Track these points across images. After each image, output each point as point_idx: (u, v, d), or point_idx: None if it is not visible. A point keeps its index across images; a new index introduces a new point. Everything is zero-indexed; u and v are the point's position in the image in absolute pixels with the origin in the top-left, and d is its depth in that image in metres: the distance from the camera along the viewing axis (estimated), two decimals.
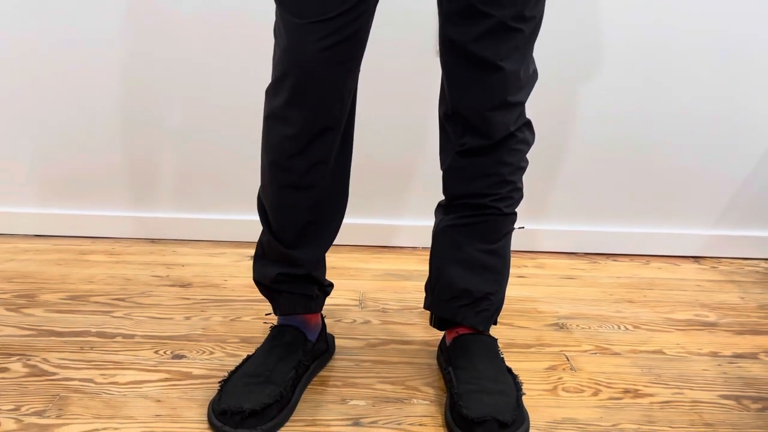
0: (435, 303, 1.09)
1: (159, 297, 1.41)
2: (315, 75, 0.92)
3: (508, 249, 1.08)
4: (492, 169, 1.02)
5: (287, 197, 1.01)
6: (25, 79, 1.68)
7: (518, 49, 0.95)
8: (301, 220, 1.03)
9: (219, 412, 0.93)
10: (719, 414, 1.04)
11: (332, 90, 0.95)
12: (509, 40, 0.94)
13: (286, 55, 0.92)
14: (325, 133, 0.98)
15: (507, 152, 1.02)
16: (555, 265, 1.73)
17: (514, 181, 1.04)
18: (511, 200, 1.05)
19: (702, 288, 1.60)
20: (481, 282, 1.05)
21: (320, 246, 1.07)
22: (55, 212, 1.78)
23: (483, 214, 1.03)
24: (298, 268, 1.05)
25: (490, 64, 0.94)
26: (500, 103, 0.97)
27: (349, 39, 0.92)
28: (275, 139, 0.98)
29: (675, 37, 1.66)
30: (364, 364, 1.16)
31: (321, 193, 1.03)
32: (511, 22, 0.92)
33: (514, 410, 0.94)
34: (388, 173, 1.76)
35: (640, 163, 1.76)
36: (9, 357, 1.13)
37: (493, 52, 0.93)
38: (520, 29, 0.94)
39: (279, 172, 1.00)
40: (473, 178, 1.03)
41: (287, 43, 0.91)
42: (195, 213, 1.80)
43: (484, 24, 0.92)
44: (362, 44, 0.97)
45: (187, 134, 1.72)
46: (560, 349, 1.25)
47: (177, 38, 1.65)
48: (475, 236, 1.04)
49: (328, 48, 0.91)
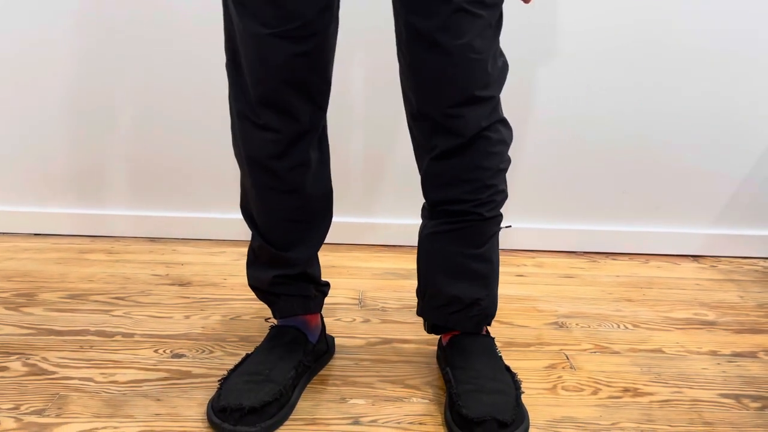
0: (426, 310, 1.08)
1: (158, 296, 1.41)
2: (285, 83, 0.93)
3: (495, 251, 1.06)
4: (470, 175, 0.98)
5: (273, 200, 1.01)
6: (25, 77, 1.68)
7: (482, 37, 0.91)
8: (289, 222, 1.03)
9: (218, 410, 0.93)
10: (718, 413, 1.04)
11: (304, 95, 0.95)
12: (472, 26, 0.90)
13: (253, 65, 0.92)
14: (302, 137, 0.98)
15: (484, 156, 0.97)
16: (554, 263, 1.73)
17: (495, 184, 1.00)
18: (494, 203, 1.01)
19: (701, 287, 1.60)
20: (469, 288, 1.03)
21: (312, 245, 1.08)
22: (55, 211, 1.78)
23: (465, 220, 1.00)
24: (293, 268, 1.06)
25: (455, 52, 0.90)
26: (468, 97, 0.93)
27: (316, 46, 0.93)
28: (251, 141, 0.98)
29: (674, 37, 1.66)
30: (364, 362, 1.16)
31: (306, 194, 1.03)
32: (471, 7, 0.89)
33: (513, 409, 0.94)
34: (387, 172, 1.76)
35: (640, 162, 1.76)
36: (8, 356, 1.13)
37: (456, 38, 0.90)
38: (481, 15, 0.90)
39: (260, 174, 1.00)
40: (451, 184, 0.99)
41: (253, 53, 0.92)
42: (194, 212, 1.80)
43: (445, 9, 0.89)
44: (331, 48, 0.97)
45: (186, 133, 1.72)
46: (560, 347, 1.25)
47: (177, 36, 1.65)
48: (459, 242, 1.02)
49: (297, 56, 0.92)
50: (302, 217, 1.04)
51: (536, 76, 1.69)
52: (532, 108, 1.72)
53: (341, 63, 1.65)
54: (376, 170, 1.75)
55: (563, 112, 1.72)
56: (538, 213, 1.80)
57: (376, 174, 1.76)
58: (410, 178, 1.76)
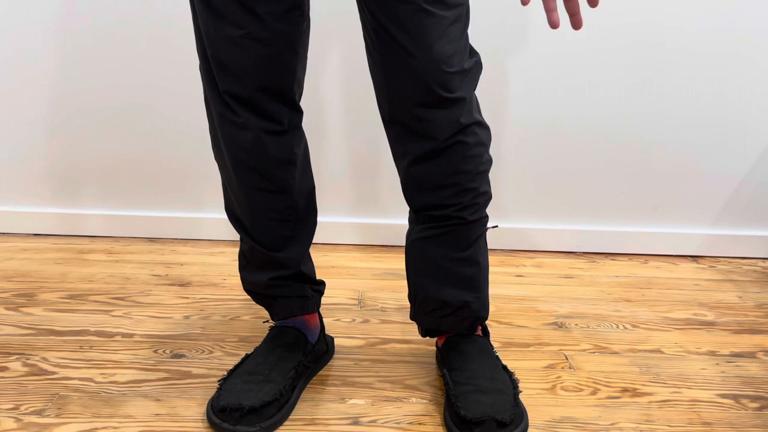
0: (418, 315, 1.08)
1: (158, 296, 1.41)
2: (259, 84, 0.94)
3: (482, 252, 1.05)
4: (448, 180, 0.97)
5: (261, 202, 1.02)
6: (24, 78, 1.68)
7: (445, 37, 0.90)
8: (279, 222, 1.04)
9: (218, 409, 0.93)
10: (717, 413, 1.04)
11: (278, 95, 0.96)
12: (435, 27, 0.89)
13: (226, 67, 0.93)
14: (283, 135, 0.99)
15: (461, 160, 0.96)
16: (553, 264, 1.73)
17: (476, 187, 0.99)
18: (476, 206, 1.00)
19: (700, 287, 1.61)
20: (457, 292, 1.03)
21: (303, 243, 1.08)
22: (54, 211, 1.78)
23: (447, 225, 1.00)
24: (287, 269, 1.06)
25: (415, 52, 0.90)
26: (434, 98, 0.91)
27: (286, 46, 0.93)
28: (233, 142, 0.99)
29: (673, 36, 1.66)
30: (363, 363, 1.16)
31: (293, 192, 1.03)
32: (431, 7, 0.88)
33: (511, 408, 0.94)
34: (386, 172, 1.76)
35: (639, 162, 1.76)
36: (8, 356, 1.13)
37: (417, 38, 0.89)
38: (443, 15, 0.89)
39: (247, 175, 1.00)
40: (430, 189, 0.98)
41: (225, 55, 0.92)
42: (194, 212, 1.80)
43: (406, 9, 0.88)
44: (303, 47, 0.98)
45: (186, 133, 1.72)
46: (559, 348, 1.25)
47: (177, 35, 1.65)
48: (444, 247, 1.01)
49: (268, 57, 0.92)
50: (291, 216, 1.04)
51: (536, 76, 1.69)
52: (531, 108, 1.72)
53: (329, 62, 1.65)
54: (375, 170, 1.75)
55: (562, 112, 1.72)
56: (537, 213, 1.80)
57: (375, 174, 1.76)
58: None
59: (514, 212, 1.79)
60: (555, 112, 1.72)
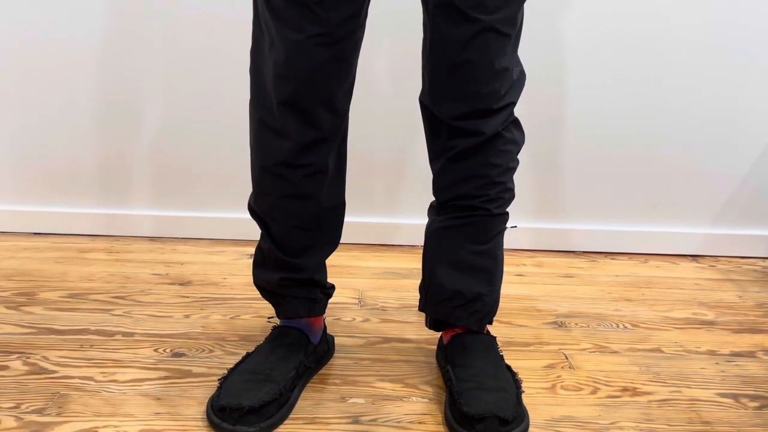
0: (428, 305, 1.09)
1: (158, 295, 1.41)
2: (310, 87, 0.94)
3: (500, 249, 1.07)
4: (480, 171, 1.01)
5: (287, 207, 1.02)
6: (23, 76, 1.68)
7: (505, 53, 0.96)
8: (302, 229, 1.04)
9: (218, 409, 0.93)
10: (717, 412, 1.05)
11: (326, 101, 0.96)
12: (498, 45, 0.94)
13: (281, 68, 0.93)
14: (320, 144, 0.99)
15: (495, 153, 1.01)
16: (553, 263, 1.73)
17: (504, 182, 1.03)
18: (501, 201, 1.04)
19: (700, 286, 1.61)
20: (472, 283, 1.04)
21: (322, 253, 1.09)
22: (55, 210, 1.78)
23: (472, 215, 1.03)
24: (301, 273, 1.06)
25: (477, 68, 0.94)
26: (486, 108, 0.97)
27: (342, 52, 0.94)
28: (270, 147, 0.99)
29: (673, 34, 1.66)
30: (364, 362, 1.16)
31: (321, 202, 1.04)
32: (500, 27, 0.93)
33: (514, 407, 0.94)
34: (386, 171, 1.76)
35: (639, 161, 1.76)
36: (9, 355, 1.13)
37: (481, 55, 0.94)
38: (508, 34, 0.94)
39: (276, 180, 1.00)
40: (462, 180, 1.02)
41: (282, 57, 0.92)
42: (194, 211, 1.80)
43: (472, 28, 0.92)
44: (356, 55, 0.98)
45: (186, 132, 1.72)
46: (559, 347, 1.25)
47: (177, 34, 1.65)
48: (465, 237, 1.04)
49: (325, 61, 0.92)
50: (315, 225, 1.05)
51: (535, 76, 1.69)
52: (530, 108, 1.72)
53: None
54: (374, 170, 1.75)
55: (561, 111, 1.72)
56: (537, 213, 1.80)
57: (375, 173, 1.76)
58: (410, 178, 1.77)
59: (515, 212, 1.79)
60: (554, 112, 1.72)
